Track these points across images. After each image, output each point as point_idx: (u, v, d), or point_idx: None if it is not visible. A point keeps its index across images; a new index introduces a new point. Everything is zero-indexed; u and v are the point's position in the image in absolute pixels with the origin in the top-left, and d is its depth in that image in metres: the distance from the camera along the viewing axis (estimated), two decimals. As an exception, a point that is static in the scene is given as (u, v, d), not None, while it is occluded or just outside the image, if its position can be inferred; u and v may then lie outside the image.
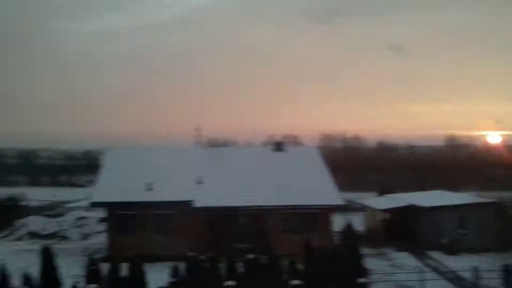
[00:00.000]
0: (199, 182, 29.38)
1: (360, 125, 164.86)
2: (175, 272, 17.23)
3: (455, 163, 74.79)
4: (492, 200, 34.30)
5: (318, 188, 29.35)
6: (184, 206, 27.46)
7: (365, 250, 23.10)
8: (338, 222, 27.98)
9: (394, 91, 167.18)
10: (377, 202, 35.88)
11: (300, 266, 18.62)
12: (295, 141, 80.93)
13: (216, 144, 72.20)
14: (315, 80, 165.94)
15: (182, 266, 17.88)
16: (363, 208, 37.88)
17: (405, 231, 31.94)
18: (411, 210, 32.11)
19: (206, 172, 30.42)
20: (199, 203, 27.63)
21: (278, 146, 34.62)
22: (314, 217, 28.11)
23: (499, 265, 20.90)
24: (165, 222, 27.85)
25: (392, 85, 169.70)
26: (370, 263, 22.07)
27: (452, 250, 28.78)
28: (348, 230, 22.19)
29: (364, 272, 19.09)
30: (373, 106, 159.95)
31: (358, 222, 33.38)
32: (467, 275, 22.06)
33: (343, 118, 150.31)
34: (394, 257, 28.37)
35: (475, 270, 21.08)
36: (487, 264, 23.33)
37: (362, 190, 53.44)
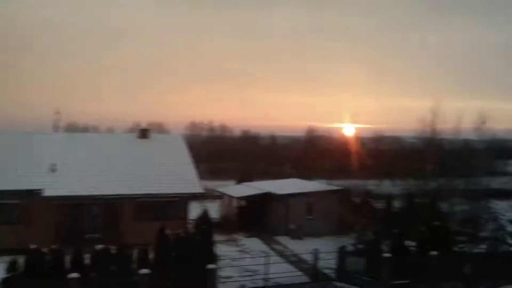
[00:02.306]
0: (53, 169, 27.89)
1: (227, 114, 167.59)
2: (12, 267, 16.25)
3: (312, 153, 79.77)
4: (338, 187, 37.16)
5: (178, 177, 29.48)
6: (33, 195, 25.93)
7: (217, 237, 23.83)
8: (195, 210, 28.43)
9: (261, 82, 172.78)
10: (233, 190, 37.17)
11: (151, 254, 18.73)
12: (161, 129, 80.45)
13: (75, 130, 68.92)
14: (177, 69, 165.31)
15: (22, 259, 16.94)
16: (221, 196, 38.92)
17: (258, 217, 33.60)
18: (265, 197, 33.84)
19: (61, 159, 28.95)
20: (50, 192, 26.26)
21: (143, 133, 34.08)
22: (170, 205, 28.22)
23: (337, 247, 23.04)
24: (9, 212, 26.05)
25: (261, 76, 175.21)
26: (220, 249, 22.94)
27: (298, 234, 30.99)
28: (203, 217, 22.64)
29: (213, 258, 19.77)
30: (240, 95, 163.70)
31: (215, 210, 34.29)
32: (308, 257, 23.96)
33: (211, 106, 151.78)
34: (244, 243, 29.76)
35: (315, 253, 22.95)
36: (327, 247, 25.17)
37: (224, 179, 54.72)
